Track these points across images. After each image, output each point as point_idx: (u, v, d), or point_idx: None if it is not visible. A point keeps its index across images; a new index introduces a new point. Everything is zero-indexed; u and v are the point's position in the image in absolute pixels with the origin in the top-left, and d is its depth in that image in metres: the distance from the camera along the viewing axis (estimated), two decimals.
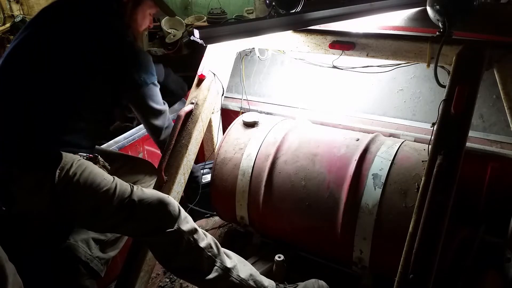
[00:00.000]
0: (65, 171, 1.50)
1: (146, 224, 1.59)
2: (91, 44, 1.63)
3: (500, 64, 1.56)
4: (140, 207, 1.57)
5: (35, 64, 1.61)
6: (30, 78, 1.60)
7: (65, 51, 1.62)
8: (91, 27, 1.66)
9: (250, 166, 2.12)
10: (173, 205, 1.64)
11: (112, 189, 1.55)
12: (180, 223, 1.63)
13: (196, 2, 4.62)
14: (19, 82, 1.61)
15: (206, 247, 1.66)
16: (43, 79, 1.60)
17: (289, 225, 2.08)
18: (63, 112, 1.60)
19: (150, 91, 1.75)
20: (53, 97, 1.59)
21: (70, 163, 1.53)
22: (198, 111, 1.96)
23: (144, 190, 1.63)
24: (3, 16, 4.86)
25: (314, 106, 2.49)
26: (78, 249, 1.77)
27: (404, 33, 2.00)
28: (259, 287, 1.76)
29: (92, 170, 1.57)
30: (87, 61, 1.62)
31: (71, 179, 1.51)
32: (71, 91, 1.61)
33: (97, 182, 1.54)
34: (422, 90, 2.25)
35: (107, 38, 1.66)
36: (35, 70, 1.60)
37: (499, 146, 2.02)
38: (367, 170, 1.87)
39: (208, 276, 1.65)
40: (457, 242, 1.84)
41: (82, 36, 1.64)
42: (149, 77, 1.73)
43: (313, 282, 1.89)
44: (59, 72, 1.60)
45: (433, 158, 1.41)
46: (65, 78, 1.60)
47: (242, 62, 2.63)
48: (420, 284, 1.32)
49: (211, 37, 1.60)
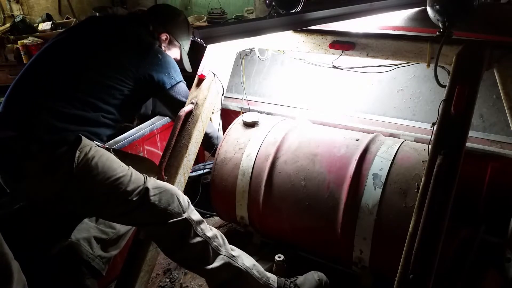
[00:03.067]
0: (84, 153, 1.54)
1: (157, 213, 1.62)
2: (125, 45, 1.83)
3: (500, 64, 1.56)
4: (153, 195, 1.61)
5: (68, 54, 1.78)
6: (60, 65, 1.74)
7: (98, 48, 1.80)
8: (128, 32, 1.89)
9: (250, 166, 2.12)
10: (182, 196, 1.70)
11: (128, 176, 1.60)
12: (190, 213, 1.68)
13: (196, 2, 4.63)
14: (50, 67, 1.73)
15: (212, 237, 1.72)
16: (73, 68, 1.73)
17: (289, 225, 2.08)
18: (87, 101, 1.68)
19: (178, 88, 1.96)
20: (79, 86, 1.69)
21: (89, 146, 1.57)
22: (198, 111, 1.96)
23: (156, 180, 1.69)
24: (3, 16, 4.86)
25: (314, 106, 2.49)
26: (80, 248, 1.78)
27: (404, 33, 2.00)
28: (263, 276, 1.80)
29: (109, 157, 1.62)
30: (118, 60, 1.78)
31: (89, 161, 1.54)
32: (98, 83, 1.73)
33: (113, 167, 1.59)
34: (422, 90, 2.25)
35: (140, 41, 1.88)
36: (67, 59, 1.76)
37: (499, 146, 2.02)
38: (367, 170, 1.88)
39: (214, 265, 1.69)
40: (457, 242, 1.84)
41: (118, 38, 1.85)
42: (179, 76, 1.96)
43: (312, 273, 1.94)
44: (89, 64, 1.74)
45: (433, 158, 1.41)
46: (94, 71, 1.73)
47: (242, 62, 2.63)
48: (420, 284, 1.32)
49: (211, 37, 1.60)
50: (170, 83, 1.90)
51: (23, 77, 1.73)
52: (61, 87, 1.68)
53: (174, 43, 2.08)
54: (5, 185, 1.64)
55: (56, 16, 4.92)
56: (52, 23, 4.29)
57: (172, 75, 1.91)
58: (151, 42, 1.93)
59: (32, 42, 3.88)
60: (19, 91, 1.70)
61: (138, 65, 1.80)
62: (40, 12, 4.94)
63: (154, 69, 1.84)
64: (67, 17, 4.91)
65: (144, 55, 1.83)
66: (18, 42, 3.83)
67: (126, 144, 2.25)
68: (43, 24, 4.29)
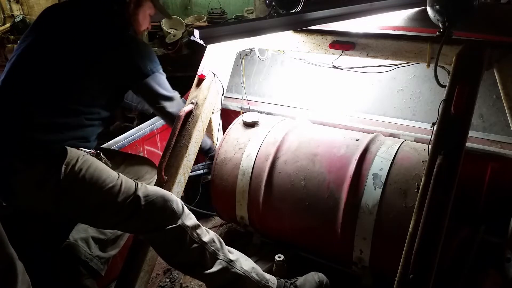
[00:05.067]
0: (71, 166, 1.51)
1: (151, 221, 1.60)
2: (94, 41, 1.67)
3: (500, 64, 1.56)
4: (145, 203, 1.59)
5: (39, 61, 1.65)
6: (34, 75, 1.63)
7: (69, 50, 1.65)
8: (94, 26, 1.70)
9: (250, 166, 2.12)
10: (176, 202, 1.67)
11: (118, 185, 1.57)
12: (184, 218, 1.66)
13: (196, 2, 4.63)
14: (24, 79, 1.64)
15: (209, 241, 1.70)
16: (47, 75, 1.62)
17: (289, 225, 2.08)
18: (67, 108, 1.61)
19: (158, 79, 1.79)
20: (56, 92, 1.61)
21: (75, 158, 1.54)
22: (198, 111, 1.96)
23: (147, 187, 1.65)
24: (3, 16, 4.86)
25: (314, 106, 2.49)
26: (78, 249, 1.77)
27: (404, 33, 2.00)
28: (262, 279, 1.78)
29: (98, 166, 1.58)
30: (91, 58, 1.65)
31: (77, 174, 1.51)
32: (74, 87, 1.63)
33: (102, 179, 1.55)
34: (422, 90, 2.25)
35: (109, 34, 1.70)
36: (39, 67, 1.64)
37: (499, 146, 2.02)
38: (367, 170, 1.87)
39: (212, 270, 1.68)
40: (457, 242, 1.84)
41: (85, 34, 1.68)
42: (155, 66, 1.77)
43: (312, 274, 1.93)
44: (63, 69, 1.63)
45: (433, 158, 1.41)
46: (69, 75, 1.63)
47: (242, 62, 2.63)
48: (420, 284, 1.32)
49: (211, 37, 1.60)
50: (146, 73, 1.73)
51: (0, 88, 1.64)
52: (39, 97, 1.60)
53: None
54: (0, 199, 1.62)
55: None
56: None
57: (148, 65, 1.74)
58: (122, 28, 1.76)
59: None
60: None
61: (112, 58, 1.68)
62: (39, 12, 4.94)
63: (129, 59, 1.71)
64: None
65: (117, 47, 1.70)
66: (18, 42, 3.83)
67: (126, 144, 2.26)
68: None
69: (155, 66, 1.77)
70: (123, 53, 1.70)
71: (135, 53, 1.72)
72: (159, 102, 1.84)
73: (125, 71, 1.72)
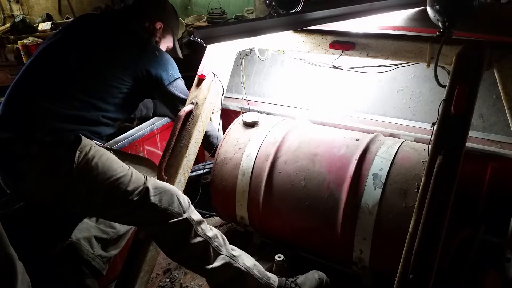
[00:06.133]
0: (84, 154, 1.54)
1: (158, 212, 1.62)
2: (122, 47, 1.83)
3: (500, 64, 1.56)
4: (154, 195, 1.61)
5: (66, 55, 1.77)
6: (59, 67, 1.73)
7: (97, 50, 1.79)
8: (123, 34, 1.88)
9: (250, 166, 2.12)
10: (182, 196, 1.71)
11: (129, 176, 1.60)
12: (190, 212, 1.69)
13: (196, 2, 4.63)
14: (48, 70, 1.72)
15: (213, 236, 1.72)
16: (70, 69, 1.73)
17: (289, 225, 2.08)
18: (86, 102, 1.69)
19: (177, 84, 1.97)
20: (78, 87, 1.69)
21: (88, 146, 1.58)
22: (198, 111, 1.96)
23: (156, 180, 1.69)
24: (3, 16, 4.87)
25: (314, 106, 2.49)
26: (80, 248, 1.78)
27: (404, 33, 1.99)
28: (263, 276, 1.80)
29: (109, 157, 1.62)
30: (117, 62, 1.78)
31: (90, 161, 1.55)
32: (99, 85, 1.74)
33: (113, 167, 1.59)
34: (422, 90, 2.25)
35: (136, 41, 1.88)
36: (65, 61, 1.75)
37: (499, 146, 2.02)
38: (367, 170, 1.88)
39: (214, 265, 1.70)
40: (457, 242, 1.84)
41: (115, 40, 1.84)
42: (176, 72, 1.97)
43: (313, 273, 1.95)
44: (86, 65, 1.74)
45: (433, 158, 1.41)
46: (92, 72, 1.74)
47: (242, 62, 2.63)
48: (420, 284, 1.32)
49: (211, 37, 1.60)
50: (168, 79, 1.91)
51: (22, 78, 1.73)
52: (60, 87, 1.68)
53: (167, 30, 2.08)
54: (5, 186, 1.64)
55: (56, 16, 4.92)
56: (52, 23, 4.29)
57: (170, 71, 1.92)
58: (148, 38, 1.95)
59: (32, 42, 3.88)
60: (18, 92, 1.70)
61: (136, 62, 1.81)
62: (40, 12, 4.95)
63: (152, 65, 1.85)
64: (67, 17, 4.92)
65: (141, 52, 1.84)
66: (18, 42, 3.83)
67: (126, 144, 2.26)
68: (43, 24, 4.29)
69: (176, 72, 1.96)
70: (147, 59, 1.84)
71: (158, 60, 1.88)
72: (177, 105, 1.98)
73: (148, 77, 1.85)
